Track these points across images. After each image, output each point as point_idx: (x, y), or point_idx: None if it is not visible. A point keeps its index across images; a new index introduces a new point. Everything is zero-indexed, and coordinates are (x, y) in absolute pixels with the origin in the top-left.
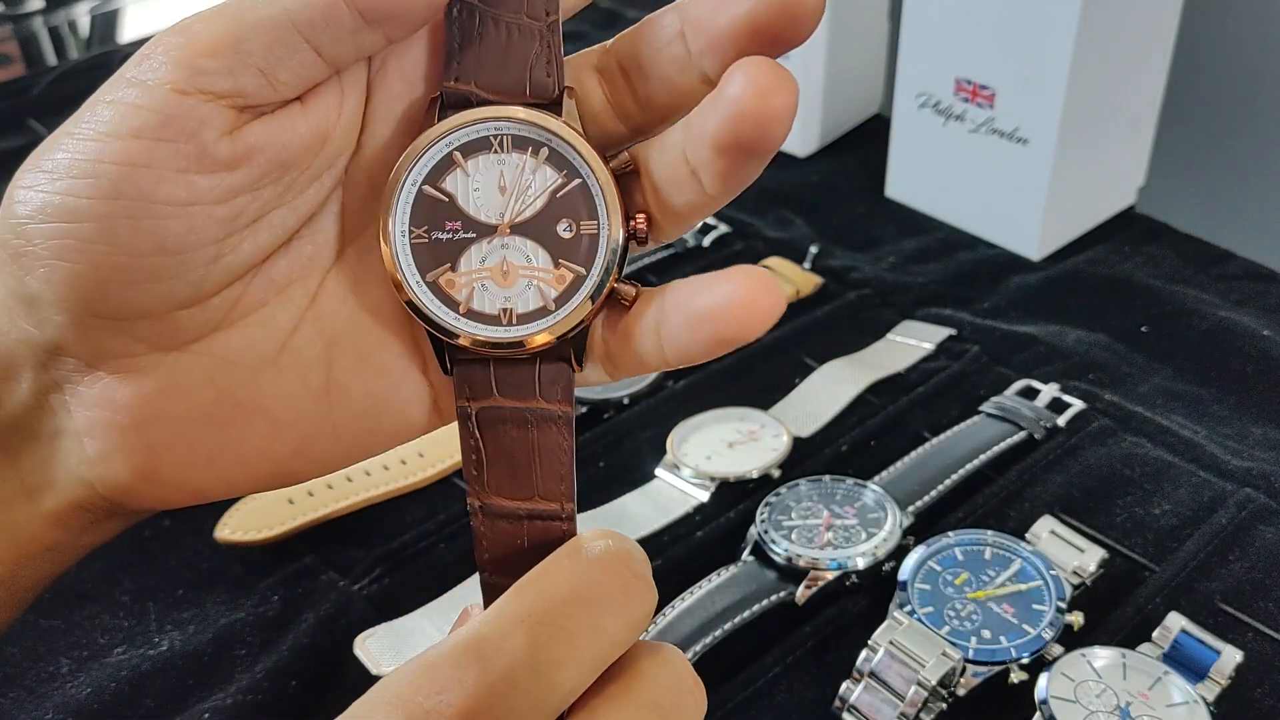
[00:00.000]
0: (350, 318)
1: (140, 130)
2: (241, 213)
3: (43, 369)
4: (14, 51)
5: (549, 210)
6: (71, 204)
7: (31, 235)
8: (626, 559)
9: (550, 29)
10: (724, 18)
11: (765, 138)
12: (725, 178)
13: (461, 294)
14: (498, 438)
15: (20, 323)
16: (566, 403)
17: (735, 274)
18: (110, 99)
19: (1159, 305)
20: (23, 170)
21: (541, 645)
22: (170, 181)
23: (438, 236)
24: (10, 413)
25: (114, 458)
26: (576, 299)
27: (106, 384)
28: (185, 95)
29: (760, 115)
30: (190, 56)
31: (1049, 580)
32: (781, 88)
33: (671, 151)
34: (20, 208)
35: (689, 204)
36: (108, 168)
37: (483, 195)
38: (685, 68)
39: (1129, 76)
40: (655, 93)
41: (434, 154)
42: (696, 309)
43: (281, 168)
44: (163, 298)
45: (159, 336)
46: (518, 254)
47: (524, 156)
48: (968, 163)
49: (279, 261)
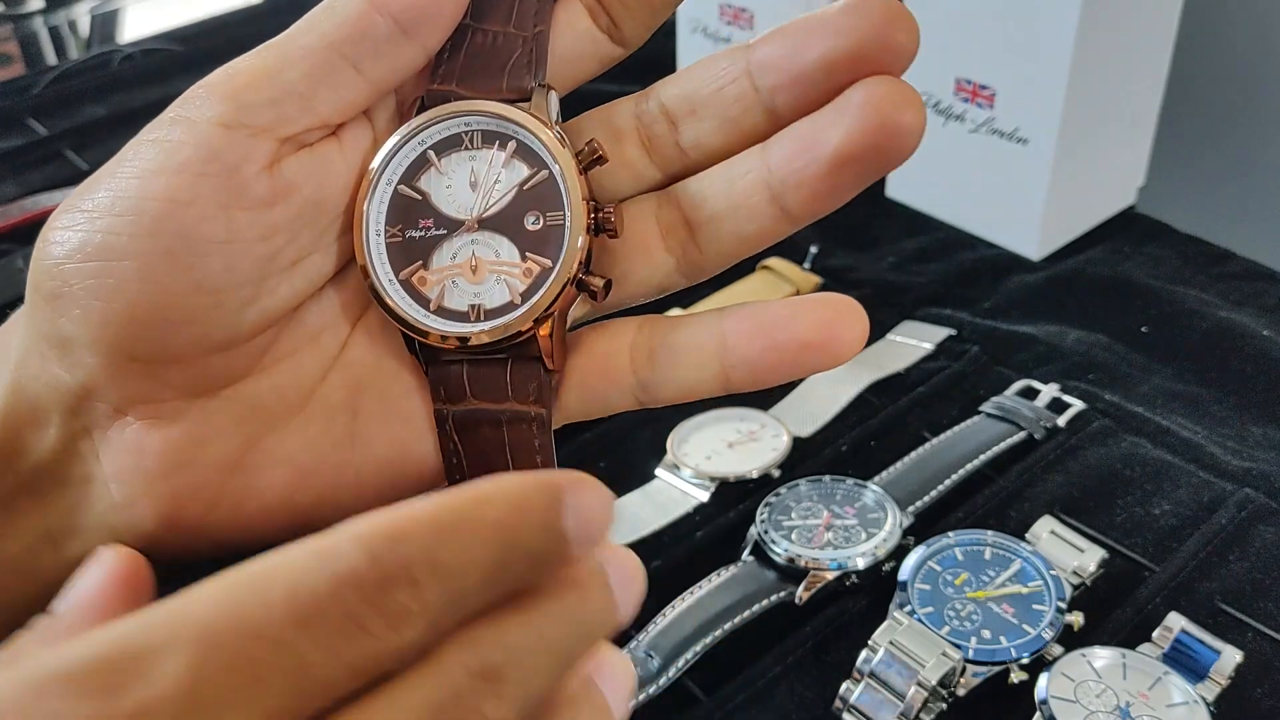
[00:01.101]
0: (377, 365)
1: (184, 166)
2: (279, 253)
3: (72, 414)
4: (14, 51)
5: (517, 203)
6: (112, 242)
7: (69, 276)
8: (384, 582)
9: (535, 37)
10: (811, 54)
11: (896, 149)
12: (824, 196)
13: (433, 291)
14: (475, 439)
15: (51, 367)
16: (540, 403)
17: (827, 303)
18: (153, 137)
19: (1159, 305)
20: (59, 212)
21: (208, 679)
22: (211, 219)
23: (411, 235)
24: (38, 458)
25: (140, 504)
26: (541, 291)
27: (136, 430)
28: (229, 129)
29: (892, 126)
30: (233, 91)
31: (1049, 580)
32: (913, 103)
33: (744, 180)
34: (57, 249)
35: (758, 232)
36: (151, 204)
37: (454, 192)
38: (750, 106)
39: (1129, 76)
40: (708, 133)
41: (408, 153)
42: (792, 337)
43: (317, 208)
44: (197, 341)
45: (190, 382)
46: (486, 249)
47: (493, 151)
48: (968, 163)
49: (312, 308)
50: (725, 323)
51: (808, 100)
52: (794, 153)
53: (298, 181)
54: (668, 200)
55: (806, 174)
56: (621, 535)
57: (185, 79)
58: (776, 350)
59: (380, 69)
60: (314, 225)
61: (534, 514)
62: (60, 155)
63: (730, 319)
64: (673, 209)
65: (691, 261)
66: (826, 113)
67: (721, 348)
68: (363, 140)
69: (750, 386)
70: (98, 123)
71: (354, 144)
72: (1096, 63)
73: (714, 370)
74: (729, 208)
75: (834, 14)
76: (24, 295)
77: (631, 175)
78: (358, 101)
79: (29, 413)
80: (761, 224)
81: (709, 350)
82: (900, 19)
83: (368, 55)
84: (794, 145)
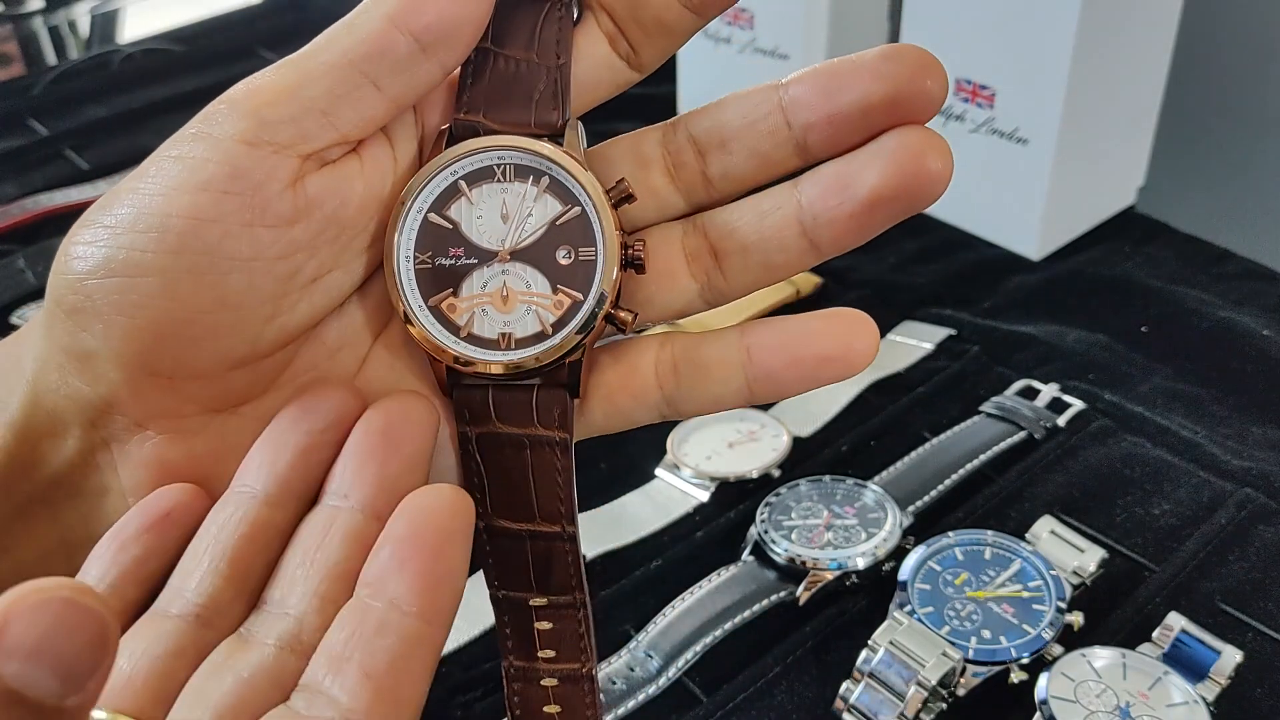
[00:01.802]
0: (397, 383)
1: (208, 183)
2: (299, 270)
3: (91, 426)
4: (14, 51)
5: (549, 237)
6: (136, 259)
7: (92, 291)
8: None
9: (560, 69)
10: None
11: (926, 194)
12: (854, 233)
13: (462, 318)
14: (497, 462)
15: (72, 379)
16: (564, 429)
17: (842, 318)
18: (175, 154)
19: (1159, 305)
20: (80, 226)
21: None
22: (235, 236)
23: (441, 262)
24: (56, 469)
25: None
26: (573, 323)
27: (156, 444)
28: (253, 147)
29: (925, 172)
30: (255, 107)
31: (1049, 580)
32: (943, 152)
33: (776, 214)
34: (79, 264)
35: (785, 263)
36: (175, 221)
37: (485, 223)
38: (781, 142)
39: (1129, 76)
40: (737, 165)
41: (439, 182)
42: (813, 352)
43: (338, 225)
44: (218, 356)
45: (211, 397)
46: (517, 280)
47: (525, 185)
48: (967, 162)
49: (331, 325)
50: (748, 338)
51: (840, 140)
52: (828, 191)
53: (319, 199)
54: (694, 229)
55: (840, 212)
56: (621, 535)
57: (185, 79)
58: (799, 365)
59: (399, 86)
60: (334, 243)
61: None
62: (60, 155)
63: (752, 334)
64: (699, 237)
65: (715, 288)
66: (861, 155)
67: (746, 362)
68: (382, 157)
69: (772, 399)
70: (98, 123)
71: (373, 161)
72: (1096, 63)
73: (739, 384)
74: (759, 240)
75: (872, 59)
76: (24, 295)
77: (656, 203)
78: (377, 118)
79: (48, 424)
80: (790, 256)
81: (734, 365)
82: (933, 68)
83: (387, 72)
84: (828, 184)
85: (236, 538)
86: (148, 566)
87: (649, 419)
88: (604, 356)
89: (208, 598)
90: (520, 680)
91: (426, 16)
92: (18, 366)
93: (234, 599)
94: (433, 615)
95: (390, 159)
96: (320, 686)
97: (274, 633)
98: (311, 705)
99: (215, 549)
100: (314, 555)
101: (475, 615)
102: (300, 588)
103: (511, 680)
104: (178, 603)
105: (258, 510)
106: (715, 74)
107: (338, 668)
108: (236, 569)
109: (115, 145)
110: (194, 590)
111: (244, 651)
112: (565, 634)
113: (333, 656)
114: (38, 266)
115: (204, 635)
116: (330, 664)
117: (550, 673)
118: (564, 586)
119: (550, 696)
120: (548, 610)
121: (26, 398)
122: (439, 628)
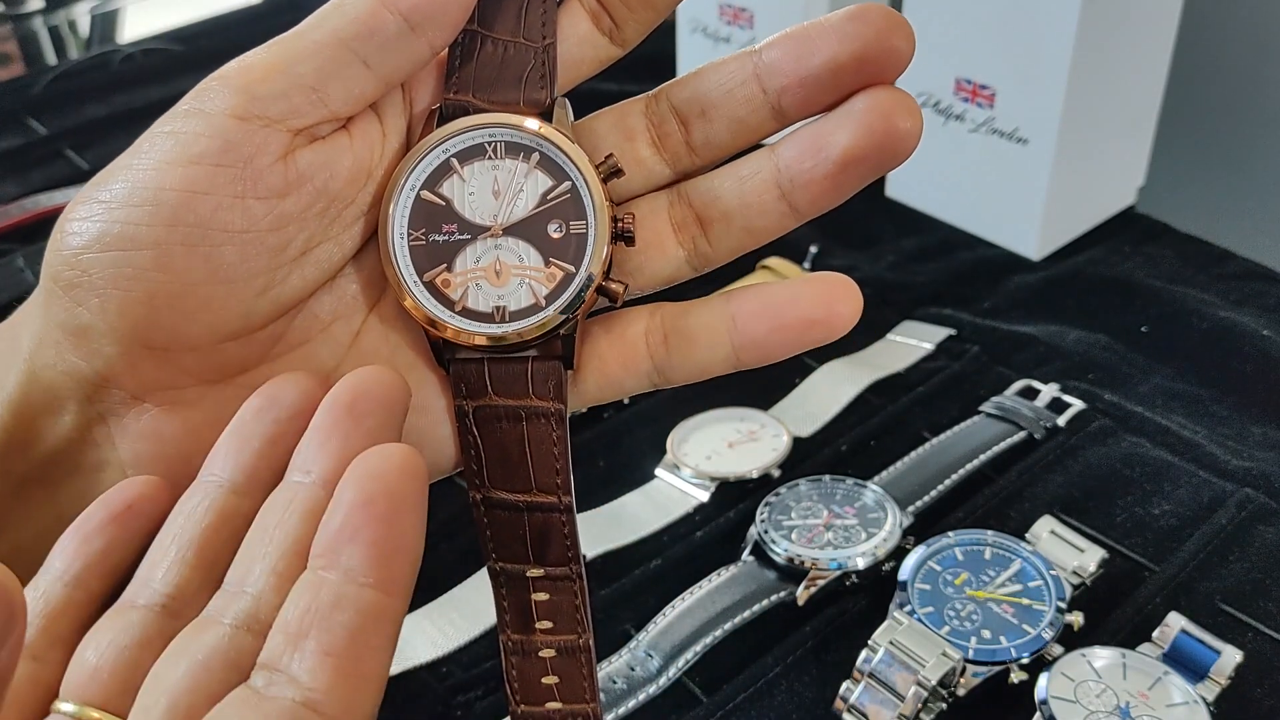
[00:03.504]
0: (392, 354)
1: (201, 157)
2: (290, 242)
3: (88, 401)
4: (14, 51)
5: (540, 212)
6: (130, 232)
7: (88, 265)
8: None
9: (546, 50)
10: (818, 58)
11: (896, 152)
12: (830, 193)
13: (457, 293)
14: (494, 434)
15: (68, 355)
16: (559, 399)
17: (825, 281)
18: (169, 129)
19: (1159, 305)
20: (75, 203)
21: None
22: (227, 208)
23: (434, 239)
24: (53, 445)
25: None
26: (565, 295)
27: (153, 416)
28: (244, 121)
29: (894, 131)
30: (247, 83)
31: (1049, 580)
32: (912, 110)
33: (755, 178)
34: (75, 239)
35: (767, 227)
36: (169, 194)
37: (477, 199)
38: (758, 107)
39: (1129, 76)
40: (718, 132)
41: (431, 160)
42: (796, 316)
43: (328, 198)
44: (212, 328)
45: (206, 369)
46: (510, 254)
47: (516, 162)
48: (967, 162)
49: (324, 298)
50: (733, 305)
51: (813, 101)
52: (803, 154)
53: (309, 172)
54: (679, 198)
55: (815, 174)
56: (621, 535)
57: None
58: (783, 329)
59: (388, 64)
60: (324, 215)
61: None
62: (60, 155)
63: (737, 301)
64: (684, 206)
65: (702, 255)
66: (833, 118)
67: (731, 329)
68: (371, 134)
69: (758, 363)
70: (98, 123)
71: (363, 137)
72: (1096, 63)
73: (725, 351)
74: (740, 205)
75: (838, 21)
76: (24, 295)
77: (643, 173)
78: (366, 95)
79: (44, 400)
80: (770, 219)
81: (720, 332)
82: (899, 27)
83: (376, 51)
84: (803, 147)
85: (203, 527)
86: (112, 559)
87: (640, 388)
88: (595, 327)
89: (175, 588)
90: (518, 654)
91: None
92: (14, 345)
93: (201, 588)
94: (390, 585)
95: (379, 136)
96: (279, 664)
97: (230, 612)
98: (271, 684)
99: (182, 539)
100: (273, 533)
101: (475, 615)
102: (259, 565)
103: (510, 654)
104: (145, 594)
105: (225, 499)
106: None
107: (295, 645)
108: (203, 558)
109: (115, 145)
110: (161, 580)
111: (200, 634)
112: (562, 606)
113: (290, 634)
114: (37, 266)
115: (171, 625)
116: (288, 641)
117: (548, 644)
118: (560, 558)
119: (548, 668)
120: (544, 581)
121: (23, 375)
122: (398, 598)
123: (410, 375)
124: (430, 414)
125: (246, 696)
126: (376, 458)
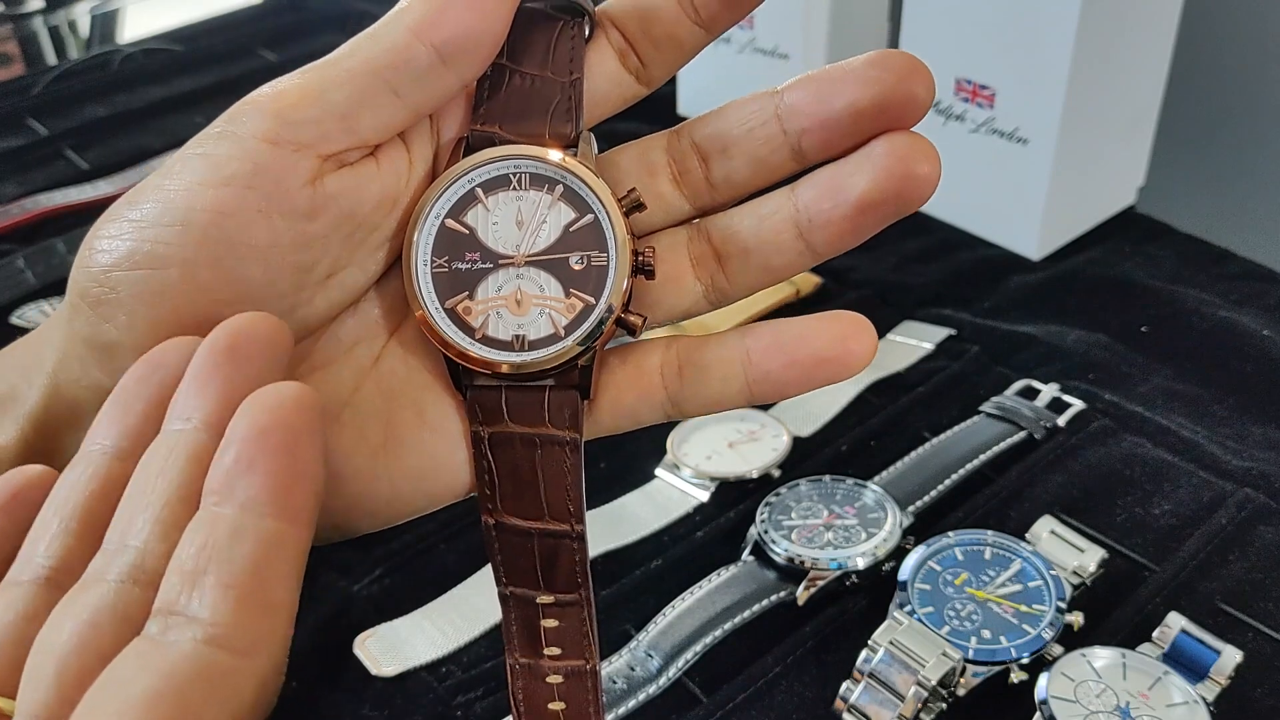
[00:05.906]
0: (410, 376)
1: (232, 179)
2: (316, 264)
3: None
4: (14, 51)
5: (562, 243)
6: (160, 251)
7: (116, 283)
8: None
9: (573, 84)
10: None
11: (913, 197)
12: (848, 235)
13: (478, 320)
14: (508, 460)
15: (92, 371)
16: (574, 429)
17: (839, 320)
18: (200, 151)
19: (1159, 305)
20: (104, 221)
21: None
22: (254, 227)
23: (457, 266)
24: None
25: None
26: (585, 327)
27: None
28: (275, 145)
29: (912, 176)
30: (279, 109)
31: (1049, 580)
32: (930, 156)
33: (774, 218)
34: (104, 256)
35: (784, 265)
36: (198, 215)
37: (501, 229)
38: (778, 147)
39: (1129, 76)
40: (737, 170)
41: (457, 189)
42: (810, 353)
43: (354, 223)
44: None
45: None
46: (531, 284)
47: (540, 193)
48: (968, 163)
49: (347, 321)
50: (748, 340)
51: (833, 144)
52: (821, 195)
53: (336, 196)
54: (699, 233)
55: (833, 216)
56: (621, 535)
57: (185, 79)
58: (797, 365)
59: (418, 95)
60: (349, 240)
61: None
62: (60, 155)
63: (752, 336)
64: (703, 242)
65: (719, 290)
66: (852, 161)
67: (746, 364)
68: (399, 162)
69: (772, 399)
70: (98, 123)
71: (390, 165)
72: (1096, 63)
73: (739, 385)
74: (759, 243)
75: (860, 66)
76: (24, 295)
77: (663, 207)
78: (395, 124)
79: (67, 415)
80: (788, 258)
81: (734, 366)
82: (919, 74)
83: (407, 81)
84: (822, 189)
85: (86, 495)
86: (1, 549)
87: (655, 419)
88: (612, 358)
89: (58, 559)
90: (525, 677)
91: (447, 30)
92: (38, 360)
93: (85, 556)
94: (292, 514)
95: (406, 164)
96: (175, 606)
97: (114, 568)
98: (169, 629)
99: (65, 509)
100: (154, 481)
101: (476, 615)
102: (142, 516)
103: (516, 677)
104: (28, 569)
105: (109, 465)
106: (715, 73)
107: (193, 583)
108: (87, 526)
109: (115, 145)
110: (43, 554)
111: (82, 594)
112: (570, 631)
113: (185, 573)
114: (37, 266)
115: (56, 597)
116: (184, 580)
117: (555, 670)
118: (570, 584)
119: (555, 693)
120: (554, 608)
121: (47, 390)
122: (301, 526)
123: (426, 396)
124: (447, 438)
125: (143, 648)
126: (270, 393)
